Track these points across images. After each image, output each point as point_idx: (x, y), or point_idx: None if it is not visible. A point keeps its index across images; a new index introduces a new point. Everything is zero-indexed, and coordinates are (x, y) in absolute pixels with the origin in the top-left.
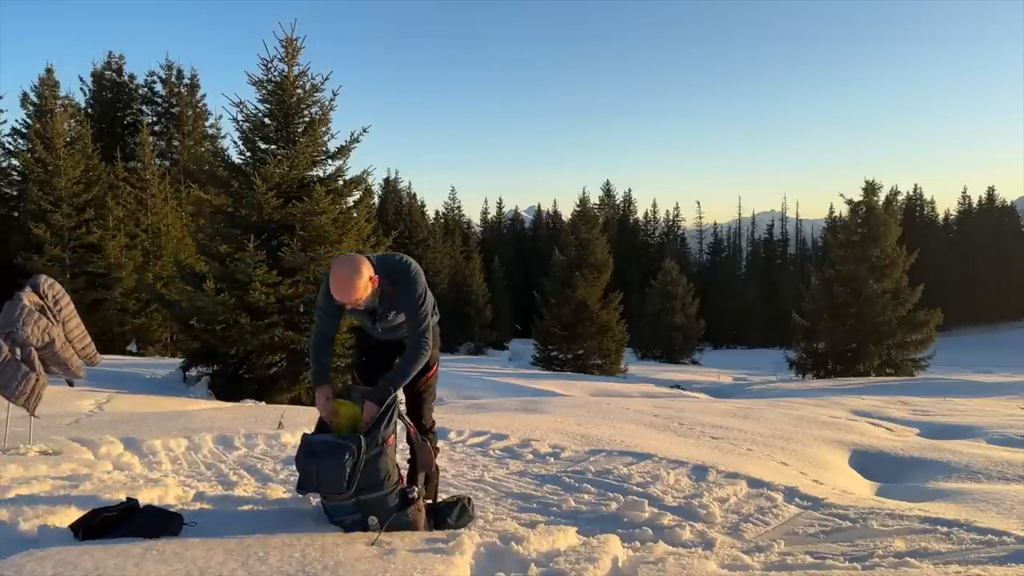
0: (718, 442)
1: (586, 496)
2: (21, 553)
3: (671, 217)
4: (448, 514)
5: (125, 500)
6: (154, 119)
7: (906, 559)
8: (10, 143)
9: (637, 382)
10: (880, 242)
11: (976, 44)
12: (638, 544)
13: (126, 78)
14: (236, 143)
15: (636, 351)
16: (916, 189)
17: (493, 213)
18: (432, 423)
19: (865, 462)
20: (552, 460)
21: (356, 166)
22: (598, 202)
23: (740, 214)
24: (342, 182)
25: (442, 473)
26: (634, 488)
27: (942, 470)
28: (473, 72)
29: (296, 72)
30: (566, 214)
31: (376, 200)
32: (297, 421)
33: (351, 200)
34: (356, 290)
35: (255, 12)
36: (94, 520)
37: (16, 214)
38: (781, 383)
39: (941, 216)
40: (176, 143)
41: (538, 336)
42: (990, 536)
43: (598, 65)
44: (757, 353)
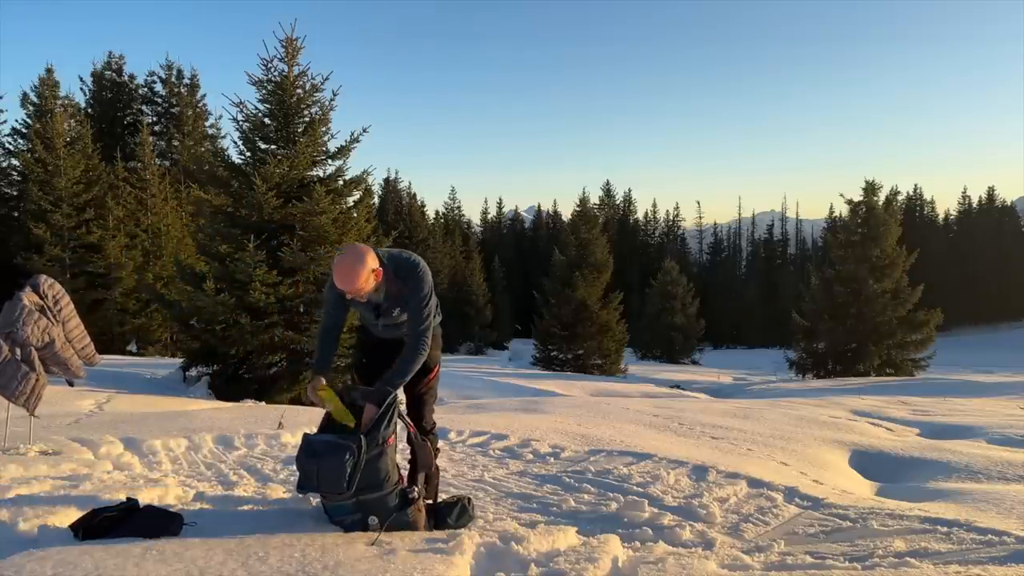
0: (718, 442)
1: (586, 496)
2: (21, 553)
3: (671, 217)
4: (448, 514)
5: (125, 500)
6: (154, 119)
7: (906, 559)
8: (10, 143)
9: (637, 382)
10: (880, 242)
11: (976, 44)
12: (638, 544)
13: (126, 78)
14: (236, 143)
15: (636, 351)
16: (916, 189)
17: (493, 213)
18: (433, 424)
19: (865, 462)
20: (552, 460)
21: (356, 166)
22: (598, 202)
23: (740, 214)
24: (342, 182)
25: (442, 473)
26: (634, 488)
27: (942, 470)
28: (473, 72)
29: (296, 72)
30: (566, 214)
31: (376, 200)
32: (297, 421)
33: (351, 200)
34: (358, 278)
35: (255, 12)
36: (94, 520)
37: (16, 214)
38: (781, 383)
39: (941, 216)
40: (176, 143)
41: (538, 336)
42: (990, 536)
43: (598, 65)
44: (757, 353)
